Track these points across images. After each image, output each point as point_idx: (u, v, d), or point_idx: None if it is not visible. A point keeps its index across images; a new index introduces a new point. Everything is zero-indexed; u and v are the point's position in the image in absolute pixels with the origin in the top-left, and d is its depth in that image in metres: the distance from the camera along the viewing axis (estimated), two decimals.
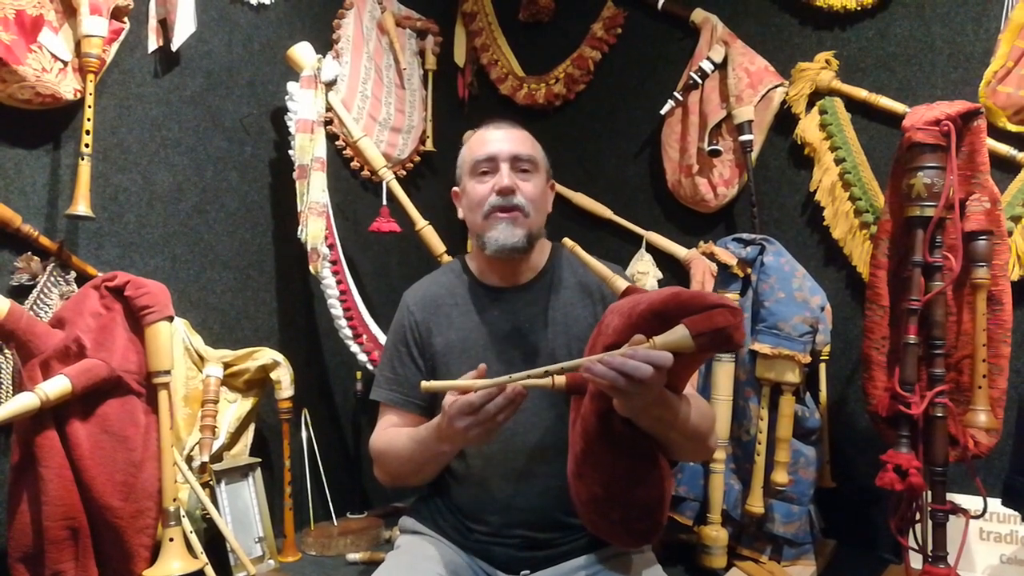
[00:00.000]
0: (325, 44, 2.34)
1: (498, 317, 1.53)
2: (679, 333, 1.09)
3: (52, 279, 1.67)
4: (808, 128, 2.12)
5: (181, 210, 1.97)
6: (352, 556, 1.96)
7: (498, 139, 1.52)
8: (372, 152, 2.23)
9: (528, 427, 1.45)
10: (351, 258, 2.30)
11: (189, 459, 1.80)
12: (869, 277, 1.73)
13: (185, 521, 1.59)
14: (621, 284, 1.39)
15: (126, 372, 1.51)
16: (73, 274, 1.71)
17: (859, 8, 2.08)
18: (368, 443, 1.57)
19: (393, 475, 1.53)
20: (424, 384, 1.26)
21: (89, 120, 1.63)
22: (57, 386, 1.39)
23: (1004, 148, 1.86)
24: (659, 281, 2.36)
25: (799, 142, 2.15)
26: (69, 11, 1.65)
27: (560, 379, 1.21)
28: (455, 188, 1.62)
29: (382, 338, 2.10)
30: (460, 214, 1.61)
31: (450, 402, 1.24)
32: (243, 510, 1.87)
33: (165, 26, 1.90)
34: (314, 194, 1.99)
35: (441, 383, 1.26)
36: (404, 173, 2.57)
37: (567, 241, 1.49)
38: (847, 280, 2.11)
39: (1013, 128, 1.85)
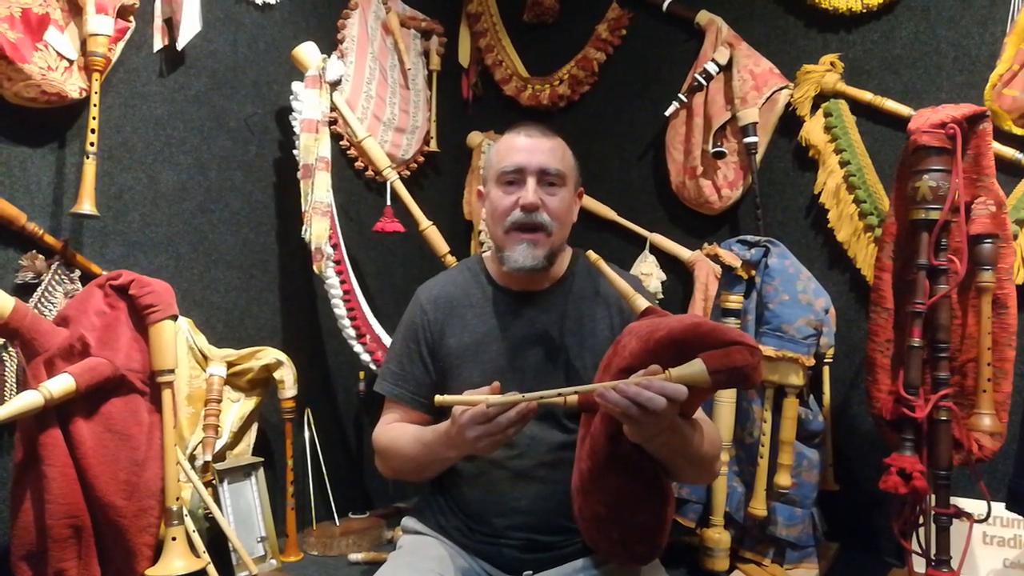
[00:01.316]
0: (330, 44, 2.35)
1: (514, 322, 1.51)
2: (696, 368, 1.08)
3: (56, 277, 1.67)
4: (813, 130, 2.12)
5: (185, 209, 1.97)
6: (354, 556, 1.96)
7: (527, 149, 1.46)
8: (376, 152, 2.23)
9: (537, 431, 1.44)
10: (355, 258, 2.30)
11: (192, 458, 1.80)
12: (873, 280, 1.72)
13: (188, 520, 1.59)
14: (641, 303, 1.37)
15: (130, 371, 1.51)
16: (77, 272, 1.71)
17: (864, 11, 2.08)
18: (371, 440, 1.57)
19: (396, 471, 1.53)
20: (438, 398, 1.26)
21: (94, 119, 1.63)
22: (61, 384, 1.39)
23: (1009, 151, 1.86)
24: (662, 283, 2.36)
25: (804, 144, 2.14)
26: (75, 10, 1.66)
27: (573, 399, 1.21)
28: (479, 188, 1.60)
29: (385, 338, 2.10)
30: (482, 215, 1.60)
31: (462, 410, 1.24)
32: (245, 509, 1.87)
33: (170, 25, 1.90)
34: (318, 194, 2.00)
35: (455, 397, 1.26)
36: (408, 173, 2.57)
37: (591, 254, 1.47)
38: (851, 283, 2.11)
39: (1018, 131, 1.85)
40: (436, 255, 2.22)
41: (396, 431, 1.51)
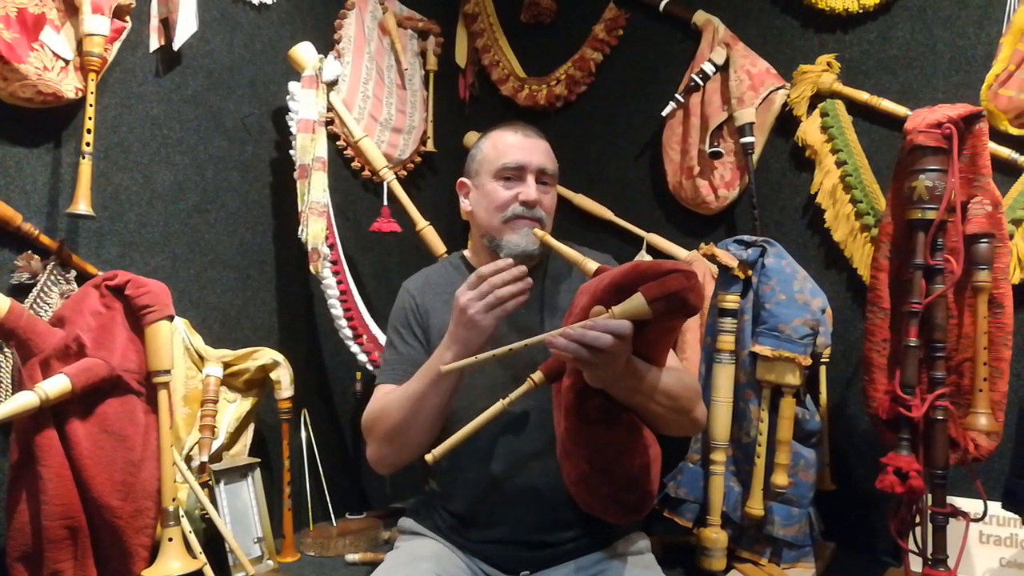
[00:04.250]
0: (327, 44, 2.34)
1: None
2: (635, 301, 1.14)
3: (52, 278, 1.67)
4: (809, 130, 2.12)
5: (182, 209, 1.97)
6: (351, 557, 1.96)
7: (528, 148, 1.55)
8: (373, 152, 2.23)
9: (526, 429, 1.45)
10: (351, 258, 2.30)
11: (188, 459, 1.79)
12: (870, 279, 1.72)
13: (184, 521, 1.59)
14: (592, 266, 1.41)
15: (126, 371, 1.51)
16: (73, 273, 1.71)
17: (861, 11, 2.08)
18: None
19: (388, 435, 1.46)
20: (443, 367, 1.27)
21: (90, 119, 1.63)
22: (57, 385, 1.39)
23: (1005, 151, 1.86)
24: None
25: (800, 144, 2.15)
26: (71, 10, 1.65)
27: (539, 375, 1.24)
28: (463, 179, 1.64)
29: (382, 338, 2.10)
30: (465, 206, 1.63)
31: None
32: (242, 510, 1.87)
33: (167, 25, 1.90)
34: (315, 194, 1.99)
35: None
36: (405, 173, 2.57)
37: (538, 231, 1.52)
38: (848, 282, 2.11)
39: (1014, 131, 1.85)
40: (433, 255, 2.21)
41: (385, 399, 1.50)
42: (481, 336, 1.35)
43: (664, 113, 2.31)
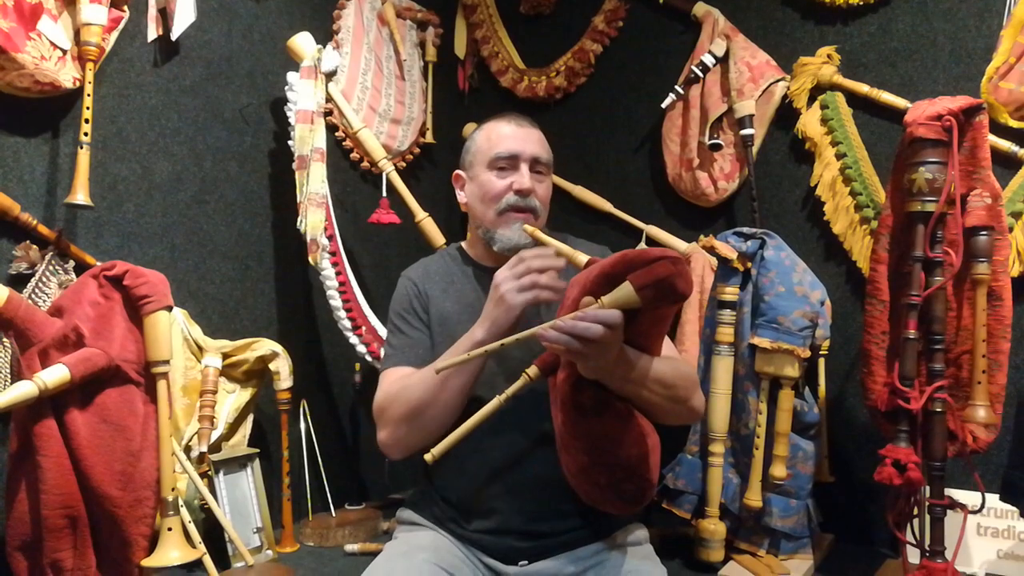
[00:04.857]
0: (325, 34, 2.34)
1: None
2: (624, 289, 1.14)
3: (51, 268, 1.67)
4: (809, 123, 2.12)
5: (180, 200, 1.96)
6: (350, 547, 1.96)
7: (521, 138, 1.55)
8: (372, 143, 2.23)
9: (523, 419, 1.45)
10: (350, 249, 2.30)
11: (187, 449, 1.80)
12: (869, 272, 1.72)
13: (183, 511, 1.59)
14: (582, 258, 1.40)
15: (125, 361, 1.50)
16: (72, 263, 1.71)
17: (861, 3, 2.08)
18: (366, 433, 1.57)
19: (407, 416, 1.44)
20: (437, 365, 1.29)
21: (88, 109, 1.63)
22: (56, 375, 1.39)
23: (1005, 144, 1.86)
24: None
25: (800, 137, 2.14)
26: None
27: (534, 370, 1.25)
28: (458, 171, 1.64)
29: (381, 330, 2.10)
30: (461, 198, 1.64)
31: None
32: (241, 500, 1.87)
33: (165, 15, 1.89)
34: (314, 185, 1.99)
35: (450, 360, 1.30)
36: (404, 165, 2.57)
37: (527, 227, 1.52)
38: (847, 275, 2.11)
39: (1014, 124, 1.85)
40: (431, 246, 2.21)
41: (402, 380, 1.48)
42: (509, 315, 1.36)
43: (664, 105, 2.30)
